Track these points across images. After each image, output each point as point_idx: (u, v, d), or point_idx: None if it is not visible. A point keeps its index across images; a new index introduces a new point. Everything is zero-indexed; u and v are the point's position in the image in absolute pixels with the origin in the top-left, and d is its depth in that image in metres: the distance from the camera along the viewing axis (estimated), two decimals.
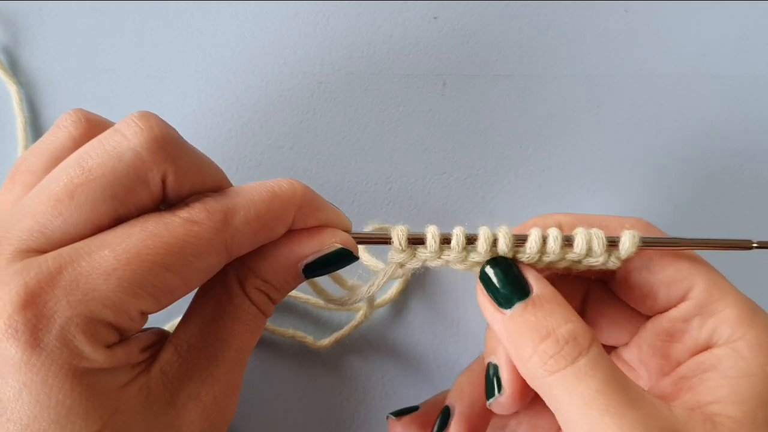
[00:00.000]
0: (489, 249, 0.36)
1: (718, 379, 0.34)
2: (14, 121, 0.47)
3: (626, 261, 0.37)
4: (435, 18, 0.51)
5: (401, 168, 0.49)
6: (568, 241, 0.36)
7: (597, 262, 0.36)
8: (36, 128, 0.48)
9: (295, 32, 0.50)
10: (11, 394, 0.29)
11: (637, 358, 0.39)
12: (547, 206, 0.49)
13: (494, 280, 0.36)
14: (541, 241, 0.36)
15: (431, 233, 0.36)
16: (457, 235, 0.36)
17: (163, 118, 0.33)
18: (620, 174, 0.50)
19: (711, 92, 0.51)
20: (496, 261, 0.36)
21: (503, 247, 0.36)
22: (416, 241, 0.37)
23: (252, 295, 0.35)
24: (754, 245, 0.38)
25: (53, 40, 0.49)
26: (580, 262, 0.37)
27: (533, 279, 0.36)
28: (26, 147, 0.47)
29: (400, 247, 0.37)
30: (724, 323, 0.35)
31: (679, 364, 0.37)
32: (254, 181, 0.35)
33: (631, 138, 0.50)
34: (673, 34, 0.52)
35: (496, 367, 0.37)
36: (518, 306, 0.35)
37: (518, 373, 0.35)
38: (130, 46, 0.49)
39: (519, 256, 0.36)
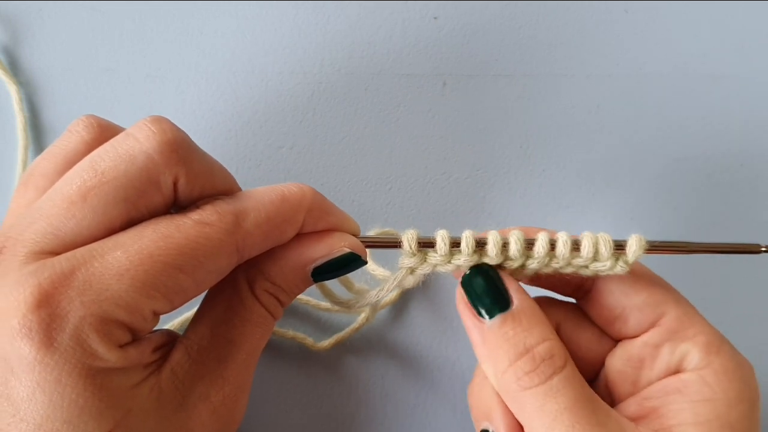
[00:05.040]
0: (499, 253, 0.36)
1: (682, 403, 0.34)
2: (14, 121, 0.47)
3: (633, 265, 0.36)
4: (435, 18, 0.51)
5: (401, 168, 0.49)
6: (575, 245, 0.36)
7: (604, 267, 0.36)
8: (36, 128, 0.48)
9: (295, 32, 0.50)
10: (25, 393, 0.29)
11: (605, 386, 0.39)
12: (547, 206, 0.49)
13: (476, 288, 0.36)
14: (549, 245, 0.36)
15: (441, 237, 0.36)
16: (467, 238, 0.36)
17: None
18: (620, 174, 0.50)
19: (711, 92, 0.51)
20: (479, 269, 0.36)
21: (514, 251, 0.36)
22: (426, 244, 0.36)
23: (261, 297, 0.35)
24: (763, 249, 0.37)
25: (53, 40, 0.49)
26: (587, 267, 0.36)
27: (514, 291, 0.36)
28: (26, 147, 0.47)
29: (411, 251, 0.36)
30: (694, 350, 0.36)
31: None
32: (255, 182, 0.35)
33: (631, 138, 0.50)
34: (673, 34, 0.52)
35: None
36: (498, 318, 0.35)
37: None
38: (130, 46, 0.49)
39: (529, 262, 0.36)
